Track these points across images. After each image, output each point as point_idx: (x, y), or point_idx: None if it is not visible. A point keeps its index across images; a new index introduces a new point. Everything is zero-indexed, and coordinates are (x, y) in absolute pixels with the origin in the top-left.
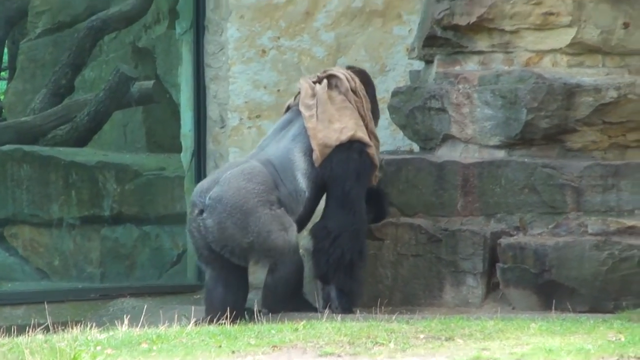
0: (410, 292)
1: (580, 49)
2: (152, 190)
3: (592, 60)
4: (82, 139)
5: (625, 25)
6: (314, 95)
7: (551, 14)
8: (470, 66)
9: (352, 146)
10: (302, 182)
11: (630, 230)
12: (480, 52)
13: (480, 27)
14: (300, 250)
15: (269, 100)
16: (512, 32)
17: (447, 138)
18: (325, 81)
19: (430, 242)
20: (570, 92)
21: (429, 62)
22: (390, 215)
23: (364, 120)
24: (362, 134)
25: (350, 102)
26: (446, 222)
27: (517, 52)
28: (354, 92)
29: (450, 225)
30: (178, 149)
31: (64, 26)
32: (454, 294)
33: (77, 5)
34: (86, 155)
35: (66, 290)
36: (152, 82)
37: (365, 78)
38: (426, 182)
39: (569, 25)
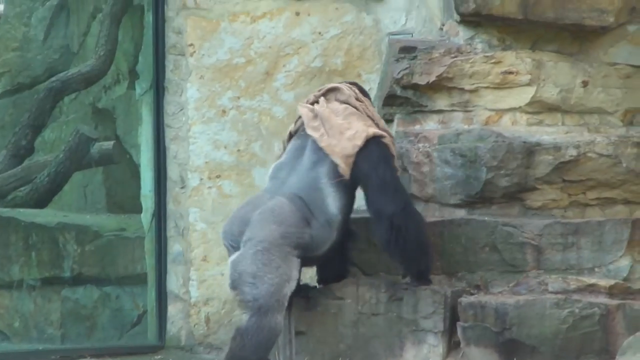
0: (371, 351)
1: (539, 108)
2: (112, 251)
3: (551, 118)
4: (42, 200)
5: (584, 84)
6: (316, 116)
7: (510, 73)
8: (430, 125)
9: (369, 143)
10: (334, 208)
11: (590, 289)
12: (439, 111)
13: (439, 86)
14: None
15: (229, 160)
16: (471, 91)
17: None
18: (322, 99)
19: (391, 301)
20: (530, 150)
21: (389, 121)
22: (351, 275)
23: (373, 120)
24: (375, 130)
25: (354, 107)
26: (407, 281)
27: (477, 111)
28: (356, 98)
29: (411, 284)
30: (138, 209)
31: (23, 87)
32: (415, 353)
33: (37, 66)
34: (46, 216)
35: (27, 352)
36: (112, 142)
37: (361, 89)
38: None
39: (528, 84)
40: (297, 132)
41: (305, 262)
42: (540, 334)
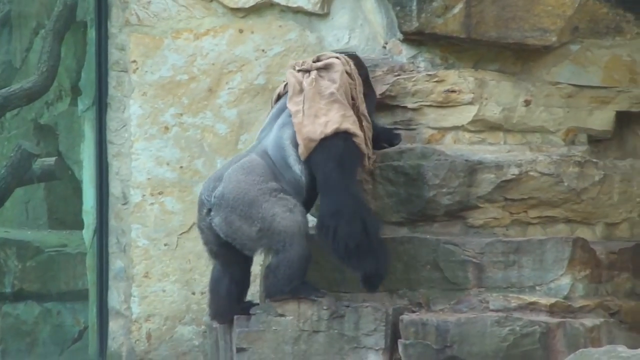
0: None
1: (481, 126)
2: (53, 267)
3: (493, 137)
4: None
5: (527, 103)
6: (301, 90)
7: (453, 91)
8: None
9: (337, 136)
10: (297, 169)
11: (531, 307)
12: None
13: (382, 104)
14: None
15: (171, 177)
16: (414, 110)
17: None
18: (315, 73)
19: (332, 318)
20: (472, 168)
21: None
22: None
23: (355, 103)
24: (349, 125)
25: (341, 90)
26: (348, 298)
27: (420, 129)
28: (349, 74)
29: (352, 301)
30: (80, 225)
31: None
32: None
33: None
34: None
35: None
36: (54, 158)
37: (358, 61)
38: (328, 258)
39: (471, 103)
40: (284, 95)
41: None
42: (481, 351)
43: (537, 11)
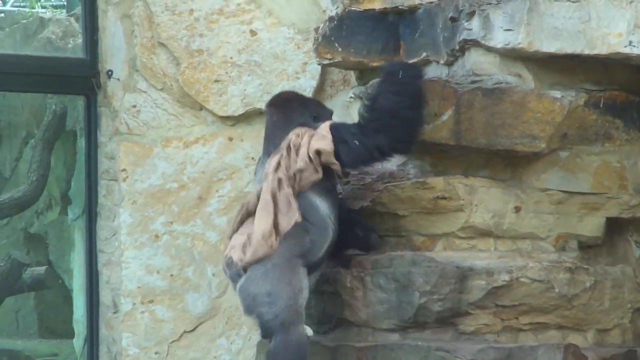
0: None
1: (472, 233)
2: None
3: (484, 243)
4: None
5: (517, 209)
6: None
7: (443, 198)
8: None
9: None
10: (324, 208)
11: None
12: None
13: (372, 211)
14: None
15: (162, 285)
16: (404, 217)
17: (341, 322)
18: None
19: None
20: (463, 275)
21: None
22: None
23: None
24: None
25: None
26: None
27: (410, 236)
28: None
29: None
30: (70, 334)
31: None
32: None
33: None
34: None
35: None
36: (44, 268)
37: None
38: None
39: (461, 209)
40: None
41: (309, 270)
42: None
43: (526, 118)
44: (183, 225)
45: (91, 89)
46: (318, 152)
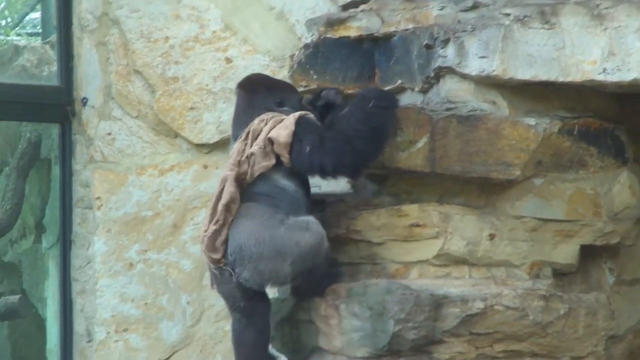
0: None
1: (446, 260)
2: None
3: (458, 271)
4: None
5: (491, 237)
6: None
7: (417, 225)
8: None
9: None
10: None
11: None
12: (348, 264)
13: (347, 239)
14: None
15: (136, 314)
16: (378, 244)
17: (315, 350)
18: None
19: None
20: (438, 303)
21: None
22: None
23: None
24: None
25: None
26: None
27: (384, 264)
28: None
29: None
30: None
31: None
32: None
33: None
34: None
35: None
36: (17, 296)
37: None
38: None
39: (435, 237)
40: None
41: None
42: None
43: (501, 145)
44: (158, 253)
45: (66, 116)
46: (270, 140)
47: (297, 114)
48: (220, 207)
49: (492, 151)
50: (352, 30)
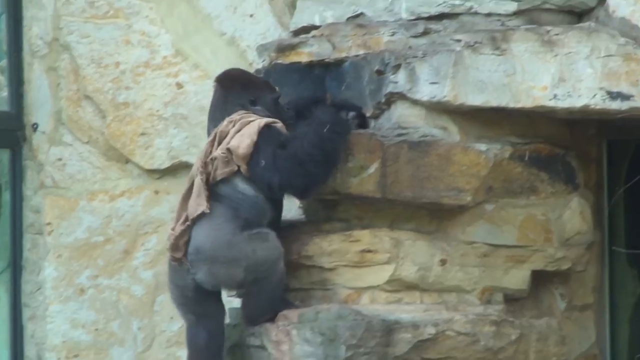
0: None
1: (398, 286)
2: None
3: (410, 297)
4: None
5: (442, 262)
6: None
7: (369, 251)
8: None
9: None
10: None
11: None
12: (299, 289)
13: (299, 264)
14: None
15: (87, 340)
16: (330, 270)
17: None
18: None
19: None
20: (389, 328)
21: None
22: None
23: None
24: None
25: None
26: None
27: (336, 289)
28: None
29: None
30: None
31: None
32: None
33: None
34: None
35: None
36: None
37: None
38: None
39: (387, 263)
40: None
41: None
42: None
43: (452, 171)
44: (108, 279)
45: (16, 142)
46: (229, 150)
47: (263, 122)
48: (190, 210)
49: (443, 177)
50: (303, 55)
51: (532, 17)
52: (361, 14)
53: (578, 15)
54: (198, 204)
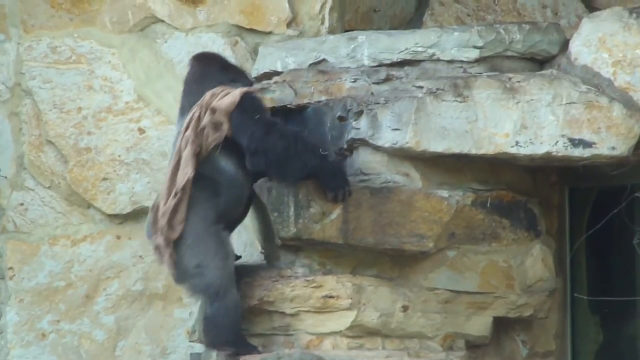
0: None
1: (360, 332)
2: None
3: (372, 342)
4: None
5: (404, 308)
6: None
7: (331, 297)
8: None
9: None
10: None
11: None
12: (261, 335)
13: (261, 310)
14: None
15: None
16: (292, 315)
17: None
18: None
19: None
20: None
21: None
22: None
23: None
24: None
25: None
26: None
27: (298, 335)
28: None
29: None
30: None
31: None
32: None
33: None
34: None
35: None
36: None
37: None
38: None
39: (349, 309)
40: None
41: (231, 227)
42: None
43: (414, 217)
44: (70, 323)
45: None
46: (213, 110)
47: (245, 88)
48: (178, 181)
49: (405, 223)
50: (265, 101)
51: (494, 64)
52: (323, 60)
53: (540, 63)
54: (185, 173)
